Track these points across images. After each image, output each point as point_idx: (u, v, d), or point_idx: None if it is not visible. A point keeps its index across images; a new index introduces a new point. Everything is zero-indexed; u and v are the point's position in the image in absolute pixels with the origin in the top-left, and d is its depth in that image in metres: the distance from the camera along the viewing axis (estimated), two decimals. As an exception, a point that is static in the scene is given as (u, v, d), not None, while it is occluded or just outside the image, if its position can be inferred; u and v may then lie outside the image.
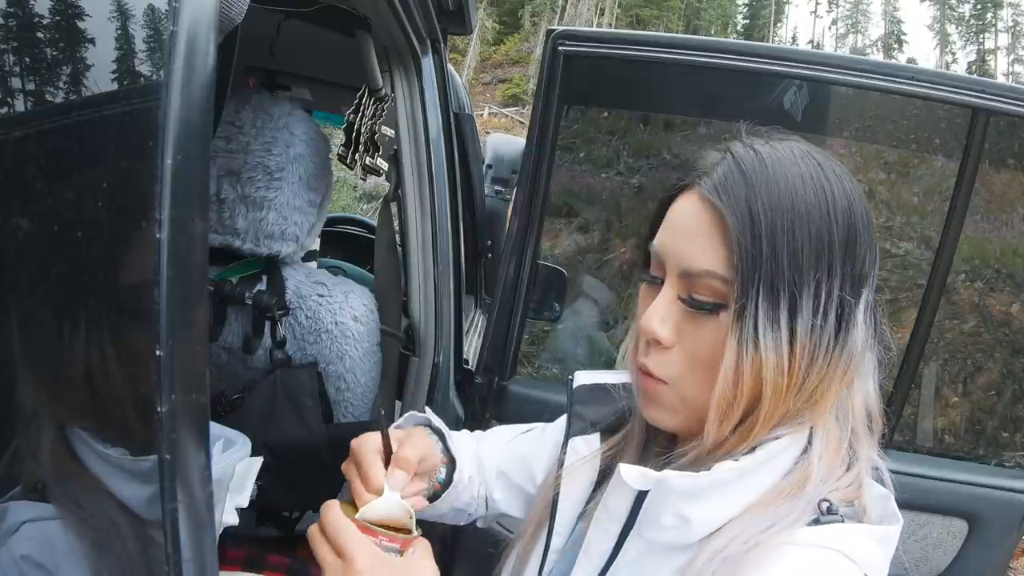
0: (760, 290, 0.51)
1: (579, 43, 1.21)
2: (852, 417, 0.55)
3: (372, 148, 1.33)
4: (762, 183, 0.52)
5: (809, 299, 0.51)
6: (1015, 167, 1.56)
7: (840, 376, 0.54)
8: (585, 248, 4.06)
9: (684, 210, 0.56)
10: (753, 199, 0.52)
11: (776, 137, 0.57)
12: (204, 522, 0.42)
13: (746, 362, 0.51)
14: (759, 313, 0.51)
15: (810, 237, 0.51)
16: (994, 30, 40.69)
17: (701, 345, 0.54)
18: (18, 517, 0.42)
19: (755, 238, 0.51)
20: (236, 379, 1.13)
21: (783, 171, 0.53)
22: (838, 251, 0.52)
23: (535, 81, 2.01)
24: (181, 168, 0.38)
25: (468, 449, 0.80)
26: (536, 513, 0.71)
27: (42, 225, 0.41)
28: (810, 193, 0.52)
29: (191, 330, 0.40)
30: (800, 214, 0.51)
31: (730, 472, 0.53)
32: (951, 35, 41.99)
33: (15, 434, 0.43)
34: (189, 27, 0.39)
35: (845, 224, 0.52)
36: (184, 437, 0.40)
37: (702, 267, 0.53)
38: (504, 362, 1.34)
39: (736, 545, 0.51)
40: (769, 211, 0.51)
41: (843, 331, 0.53)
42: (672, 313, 0.55)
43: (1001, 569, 1.39)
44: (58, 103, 0.43)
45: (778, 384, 0.52)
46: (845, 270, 0.52)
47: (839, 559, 0.50)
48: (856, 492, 0.55)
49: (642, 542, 0.57)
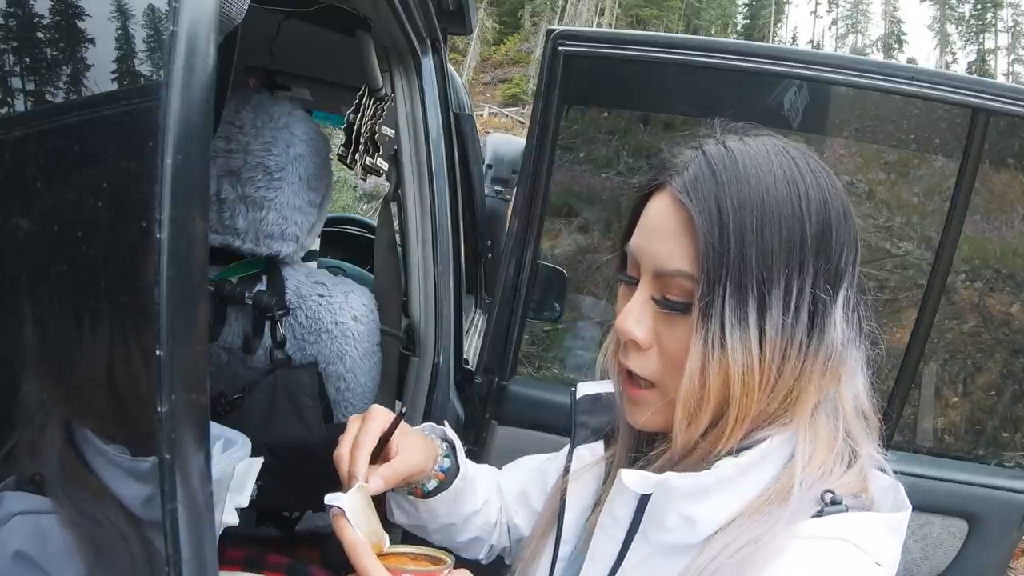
0: (727, 288, 0.50)
1: (579, 43, 1.21)
2: (844, 416, 0.55)
3: (372, 148, 1.33)
4: (732, 180, 0.51)
5: (779, 297, 0.50)
6: (1015, 167, 1.56)
7: (819, 375, 0.53)
8: (585, 248, 4.06)
9: (656, 210, 0.56)
10: (723, 196, 0.51)
11: (752, 133, 0.57)
12: (204, 522, 0.42)
13: (712, 362, 0.51)
14: (726, 312, 0.50)
15: (780, 234, 0.50)
16: (994, 30, 40.70)
17: (675, 345, 0.54)
18: (10, 509, 0.42)
19: (723, 236, 0.50)
20: (236, 379, 1.13)
21: (755, 168, 0.52)
22: (810, 248, 0.51)
23: (535, 81, 2.01)
24: (181, 168, 0.38)
25: (487, 473, 0.81)
26: (542, 522, 0.71)
27: (42, 225, 0.41)
28: (782, 190, 0.51)
29: (191, 330, 0.40)
30: (770, 211, 0.51)
31: (733, 468, 0.53)
32: (951, 35, 42.00)
33: (12, 430, 0.43)
34: (189, 27, 0.39)
35: (819, 220, 0.52)
36: (184, 437, 0.40)
37: (673, 267, 0.53)
38: (504, 362, 1.34)
39: (740, 543, 0.50)
40: (738, 209, 0.50)
41: (818, 329, 0.52)
42: (647, 314, 0.55)
43: (1001, 569, 1.39)
44: (58, 103, 0.43)
45: (747, 384, 0.51)
46: (819, 267, 0.51)
47: (847, 548, 0.49)
48: (862, 485, 0.54)
49: (648, 545, 0.57)
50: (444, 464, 0.74)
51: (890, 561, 0.51)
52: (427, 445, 0.73)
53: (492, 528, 0.80)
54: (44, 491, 0.43)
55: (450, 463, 0.75)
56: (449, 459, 0.75)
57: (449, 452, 0.76)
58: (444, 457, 0.75)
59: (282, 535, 1.25)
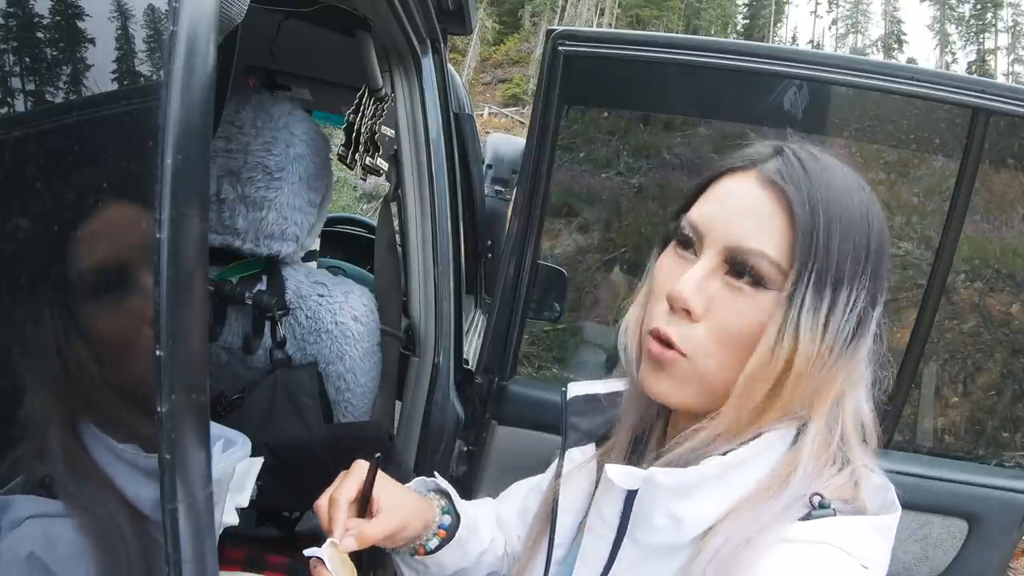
0: (812, 278, 0.52)
1: (579, 43, 1.21)
2: (841, 424, 0.56)
3: (372, 148, 1.33)
4: (823, 181, 0.54)
5: (844, 300, 0.53)
6: (1015, 167, 1.56)
7: (841, 379, 0.55)
8: (585, 248, 4.06)
9: (740, 188, 0.56)
10: (815, 192, 0.53)
11: (818, 147, 0.60)
12: (204, 522, 0.42)
13: (783, 347, 0.52)
14: (806, 300, 0.52)
15: (854, 242, 0.54)
16: (994, 30, 40.69)
17: (734, 321, 0.54)
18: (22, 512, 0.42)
19: (815, 230, 0.53)
20: (236, 379, 1.13)
21: (838, 177, 0.55)
22: (871, 263, 0.55)
23: (535, 81, 2.01)
24: (181, 168, 0.38)
25: (486, 511, 0.80)
26: (535, 527, 0.71)
27: (42, 225, 0.41)
28: (857, 203, 0.55)
29: (191, 330, 0.40)
30: (852, 220, 0.54)
31: (716, 467, 0.53)
32: (951, 35, 41.98)
33: (15, 432, 0.43)
34: (189, 27, 0.39)
35: (878, 242, 0.55)
36: (184, 437, 0.40)
37: (756, 246, 0.54)
38: (504, 362, 1.34)
39: (730, 545, 0.51)
40: (829, 208, 0.53)
41: (856, 338, 0.55)
42: (707, 285, 0.55)
43: (1001, 569, 1.39)
44: (58, 103, 0.43)
45: (801, 371, 0.53)
46: (870, 284, 0.55)
47: (833, 553, 0.50)
48: (852, 491, 0.55)
49: (636, 548, 0.57)
50: (444, 521, 0.73)
51: (878, 564, 0.51)
52: (418, 503, 0.72)
53: (501, 560, 0.80)
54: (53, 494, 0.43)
55: (450, 519, 0.74)
56: (448, 515, 0.74)
57: (447, 506, 0.75)
58: (444, 514, 0.74)
59: (282, 535, 1.25)
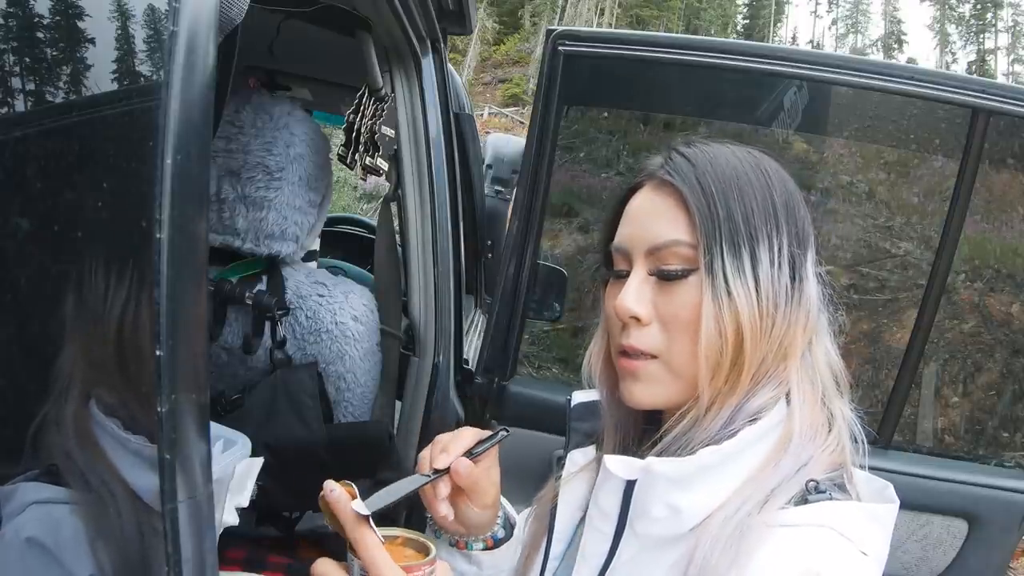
0: (723, 246, 0.56)
1: (579, 43, 1.21)
2: (819, 376, 0.59)
3: (372, 148, 1.33)
4: (706, 163, 0.59)
5: (766, 251, 0.57)
6: (1015, 167, 1.56)
7: (802, 325, 0.58)
8: (585, 248, 4.06)
9: (642, 200, 0.62)
10: (702, 174, 0.59)
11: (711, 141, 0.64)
12: (204, 522, 0.42)
13: (725, 312, 0.56)
14: (726, 265, 0.56)
15: (756, 199, 0.58)
16: (994, 30, 40.69)
17: (678, 311, 0.58)
18: (26, 498, 0.42)
19: (710, 203, 0.57)
20: (236, 379, 1.13)
21: (722, 156, 0.60)
22: (781, 211, 0.59)
23: (535, 81, 2.01)
24: (181, 168, 0.38)
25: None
26: (535, 525, 0.71)
27: (42, 225, 0.41)
28: (748, 168, 0.60)
29: (191, 330, 0.40)
30: (744, 182, 0.59)
31: (713, 456, 0.54)
32: (951, 35, 41.99)
33: (18, 427, 0.43)
34: (189, 27, 0.39)
35: (783, 191, 0.60)
36: (184, 437, 0.40)
37: (668, 237, 0.58)
38: (504, 362, 1.34)
39: (730, 527, 0.51)
40: (717, 181, 0.58)
41: (797, 281, 0.58)
42: (645, 291, 0.59)
43: (1001, 569, 1.39)
44: (58, 103, 0.43)
45: (754, 328, 0.56)
46: (790, 228, 0.59)
47: (831, 536, 0.50)
48: (841, 456, 0.57)
49: (636, 541, 0.58)
50: (499, 533, 0.72)
51: (877, 552, 0.52)
52: (497, 496, 0.70)
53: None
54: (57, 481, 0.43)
55: (504, 533, 0.73)
56: (503, 529, 0.73)
57: (504, 521, 0.74)
58: (500, 528, 0.72)
59: (282, 535, 1.25)
